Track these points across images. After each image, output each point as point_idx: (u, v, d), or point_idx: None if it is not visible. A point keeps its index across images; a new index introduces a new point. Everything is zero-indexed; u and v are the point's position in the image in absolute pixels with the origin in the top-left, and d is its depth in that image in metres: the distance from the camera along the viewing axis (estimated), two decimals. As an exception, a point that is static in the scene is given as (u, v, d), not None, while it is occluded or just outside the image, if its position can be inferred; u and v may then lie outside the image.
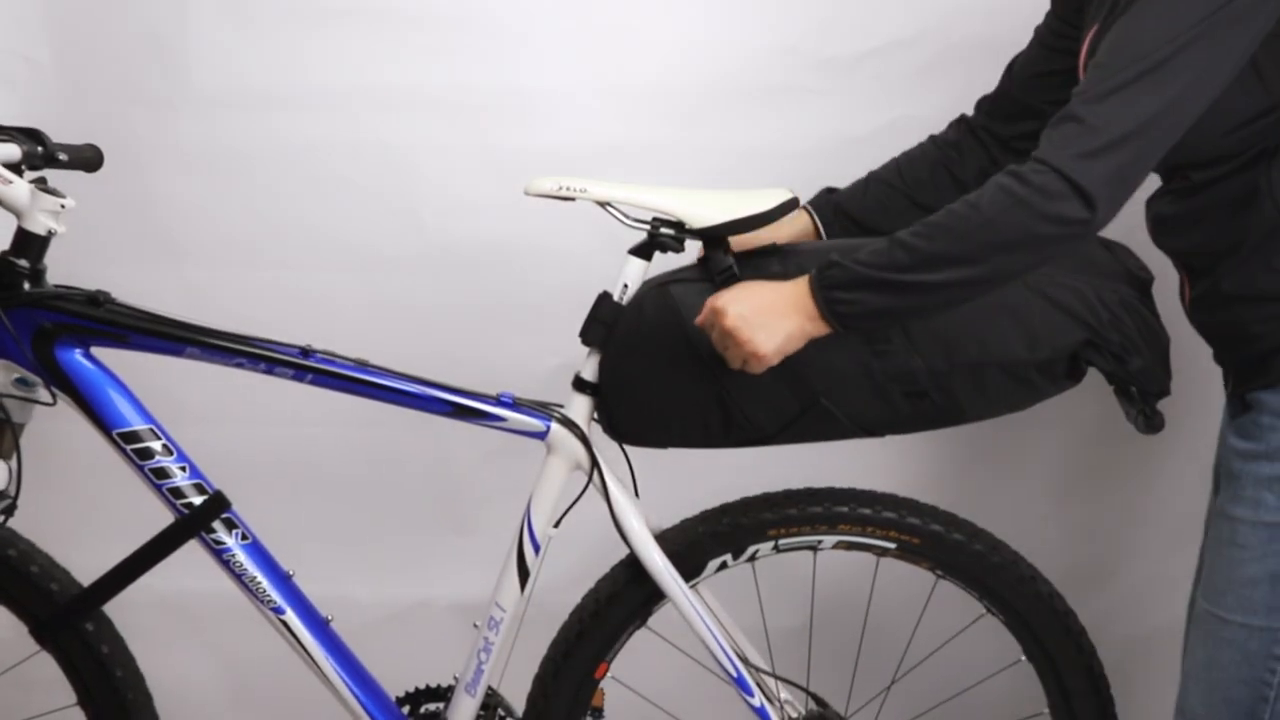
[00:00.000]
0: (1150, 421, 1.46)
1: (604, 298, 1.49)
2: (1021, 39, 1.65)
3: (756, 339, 1.34)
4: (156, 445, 1.46)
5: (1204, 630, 1.42)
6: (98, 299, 1.43)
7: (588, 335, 1.49)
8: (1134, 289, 1.45)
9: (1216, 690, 1.39)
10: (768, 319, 1.34)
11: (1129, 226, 1.48)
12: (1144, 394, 1.45)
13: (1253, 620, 1.36)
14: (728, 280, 1.42)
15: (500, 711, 1.63)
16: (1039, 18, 1.63)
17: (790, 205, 1.48)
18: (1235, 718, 1.38)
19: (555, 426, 1.52)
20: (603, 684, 1.61)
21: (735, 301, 1.36)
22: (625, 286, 1.48)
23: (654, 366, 1.46)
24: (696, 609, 1.54)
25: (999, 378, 1.44)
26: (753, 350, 1.34)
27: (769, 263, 1.46)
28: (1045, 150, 1.25)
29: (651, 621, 1.61)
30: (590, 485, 1.54)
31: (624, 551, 1.56)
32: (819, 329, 1.34)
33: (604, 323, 1.48)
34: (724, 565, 1.58)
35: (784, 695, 1.63)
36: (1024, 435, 2.11)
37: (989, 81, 1.77)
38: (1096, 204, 1.22)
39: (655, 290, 1.47)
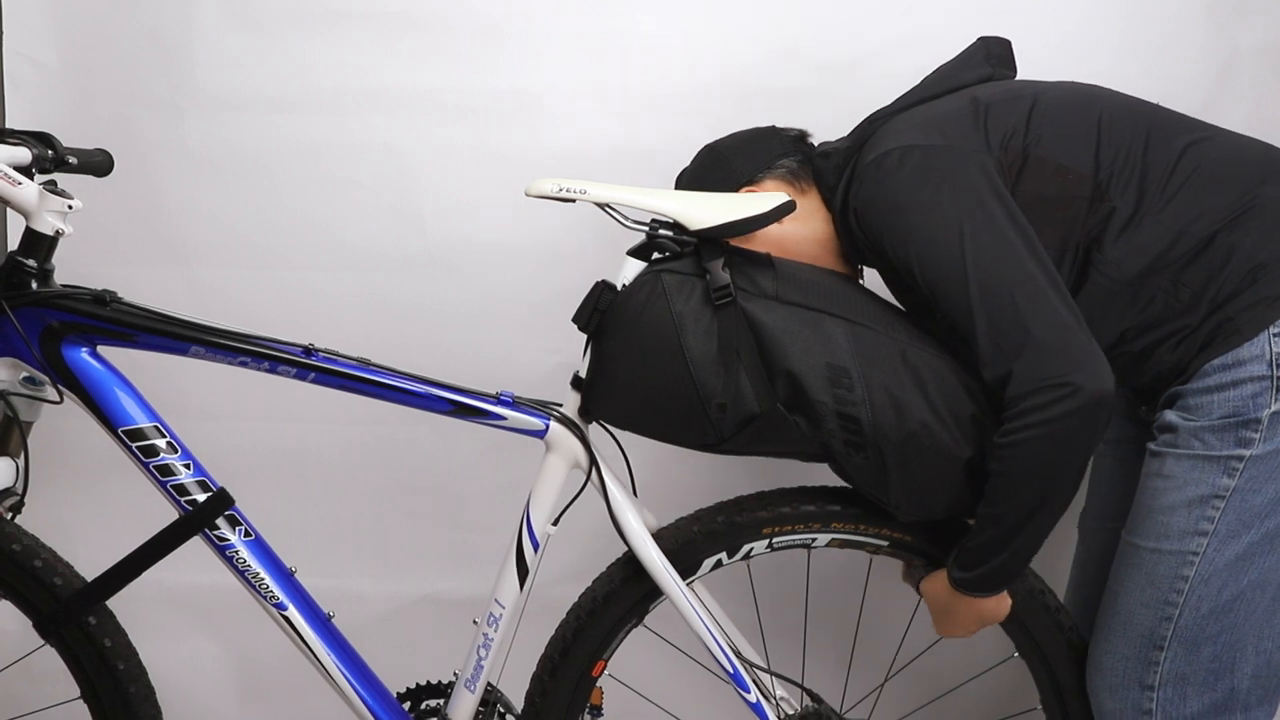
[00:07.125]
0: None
1: (605, 286, 1.49)
2: (1019, 40, 1.65)
3: (980, 622, 1.57)
4: (161, 443, 1.47)
5: (1119, 559, 1.52)
6: (104, 298, 1.45)
7: (583, 320, 1.49)
8: None
9: (1118, 615, 1.50)
10: (961, 621, 1.56)
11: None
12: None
13: (1164, 545, 1.45)
14: (725, 303, 1.43)
15: (500, 708, 1.64)
16: (1036, 17, 1.62)
17: (787, 208, 1.49)
18: (1133, 640, 1.48)
19: (554, 425, 1.53)
20: (600, 682, 1.62)
21: (940, 621, 1.59)
22: (624, 287, 1.50)
23: (632, 348, 1.46)
24: (693, 606, 1.55)
25: (925, 455, 1.45)
26: (983, 622, 1.57)
27: (763, 279, 1.46)
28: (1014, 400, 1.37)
29: (648, 620, 1.62)
30: (589, 483, 1.55)
31: (622, 548, 1.57)
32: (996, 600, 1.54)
33: (600, 310, 1.48)
34: (719, 563, 1.58)
35: (780, 692, 1.65)
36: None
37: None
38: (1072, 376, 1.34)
39: (650, 276, 1.47)
